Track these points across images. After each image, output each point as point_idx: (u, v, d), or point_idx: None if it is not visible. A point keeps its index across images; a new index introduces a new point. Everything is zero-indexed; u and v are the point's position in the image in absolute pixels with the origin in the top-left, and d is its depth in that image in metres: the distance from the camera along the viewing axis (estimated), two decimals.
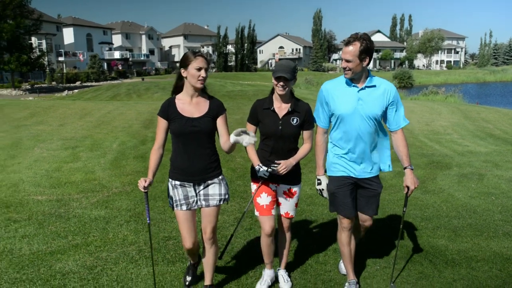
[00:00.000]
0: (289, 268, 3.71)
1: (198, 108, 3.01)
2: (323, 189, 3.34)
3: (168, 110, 2.99)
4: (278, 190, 3.35)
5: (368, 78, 3.11)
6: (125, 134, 10.70)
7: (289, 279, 3.47)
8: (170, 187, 3.07)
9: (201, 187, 3.07)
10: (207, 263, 3.20)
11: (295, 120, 3.20)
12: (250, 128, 3.29)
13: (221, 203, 3.12)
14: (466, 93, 35.42)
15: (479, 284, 3.47)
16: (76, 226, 4.62)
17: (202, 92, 3.05)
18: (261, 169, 3.15)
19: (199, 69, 2.91)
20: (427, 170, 7.42)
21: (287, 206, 3.38)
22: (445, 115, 15.58)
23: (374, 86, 3.11)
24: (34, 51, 36.05)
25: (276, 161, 3.19)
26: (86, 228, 4.55)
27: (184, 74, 2.97)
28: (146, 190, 2.84)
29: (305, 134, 3.28)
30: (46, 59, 38.71)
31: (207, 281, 3.23)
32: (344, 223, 3.28)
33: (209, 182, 3.07)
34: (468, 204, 5.64)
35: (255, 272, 3.68)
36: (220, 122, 3.06)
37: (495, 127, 13.51)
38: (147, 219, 3.00)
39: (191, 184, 3.04)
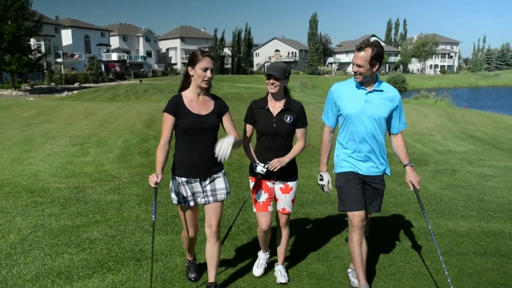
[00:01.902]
0: (287, 264, 3.86)
1: (205, 106, 3.11)
2: (324, 185, 3.49)
3: (177, 107, 3.04)
4: (275, 186, 3.51)
5: (377, 83, 3.25)
6: (128, 132, 11.41)
7: (286, 274, 3.58)
8: (176, 184, 3.13)
9: (207, 182, 3.15)
10: (212, 260, 3.20)
11: (288, 118, 3.37)
12: (248, 128, 3.48)
13: (227, 196, 3.23)
14: (456, 97, 36.39)
15: (431, 250, 4.23)
16: (94, 207, 5.34)
17: (207, 91, 3.17)
18: (258, 166, 3.32)
19: (205, 70, 3.00)
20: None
21: (283, 202, 3.51)
22: (431, 118, 16.39)
23: (382, 90, 3.25)
24: (34, 52, 36.68)
25: (266, 164, 3.37)
26: (103, 209, 5.28)
27: (191, 73, 3.06)
28: (156, 186, 2.89)
29: (298, 132, 3.44)
30: (45, 60, 39.31)
31: (211, 278, 3.23)
32: (354, 222, 3.25)
33: (214, 176, 3.17)
34: (438, 194, 6.39)
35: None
36: (226, 119, 3.19)
37: (476, 129, 14.31)
38: (153, 216, 3.06)
39: (197, 179, 3.12)
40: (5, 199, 5.56)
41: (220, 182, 3.19)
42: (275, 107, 3.39)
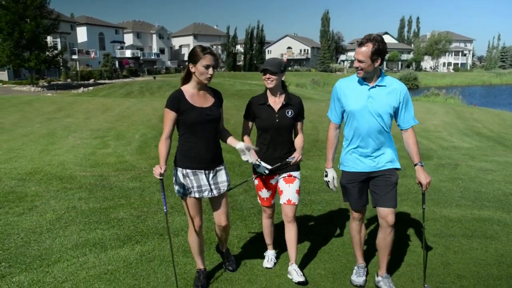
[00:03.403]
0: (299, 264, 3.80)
1: (206, 99, 3.17)
2: (329, 181, 3.50)
3: (179, 103, 3.07)
4: (278, 179, 3.57)
5: (380, 78, 3.22)
6: (144, 127, 11.98)
7: (302, 273, 3.50)
8: (181, 176, 3.16)
9: (211, 174, 3.22)
10: (222, 236, 3.48)
11: (290, 112, 3.45)
12: (248, 124, 3.55)
13: (227, 188, 3.32)
14: (468, 95, 36.37)
15: (419, 234, 4.67)
16: (119, 192, 5.88)
17: (205, 85, 3.19)
18: (261, 165, 3.31)
19: (207, 67, 3.03)
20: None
21: (288, 193, 3.51)
22: (439, 115, 16.67)
23: (385, 85, 3.22)
24: (51, 49, 37.66)
25: (289, 158, 3.47)
26: (127, 194, 5.81)
27: (192, 70, 3.07)
28: (161, 177, 2.97)
29: (298, 125, 3.57)
30: (62, 57, 40.31)
31: (223, 248, 3.66)
32: (354, 215, 3.52)
33: (217, 168, 3.25)
34: (437, 186, 6.79)
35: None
36: (220, 111, 3.28)
37: (483, 126, 14.58)
38: (164, 207, 3.10)
39: (202, 171, 3.17)
40: (38, 185, 6.13)
41: (222, 175, 3.27)
42: (276, 102, 3.45)
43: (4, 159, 7.66)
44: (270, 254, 3.84)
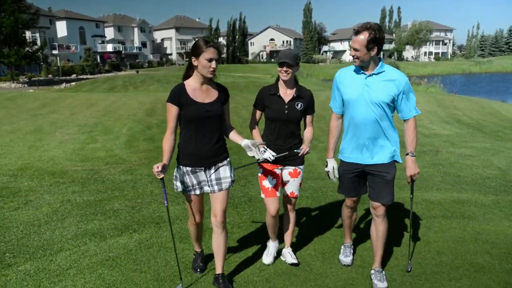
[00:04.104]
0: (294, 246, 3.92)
1: (208, 94, 3.09)
2: (329, 171, 3.49)
3: (180, 97, 3.01)
4: (284, 171, 3.56)
5: (378, 67, 3.18)
6: (131, 121, 12.02)
7: (294, 256, 3.67)
8: (181, 173, 3.12)
9: (212, 170, 3.14)
10: (218, 251, 3.21)
11: (299, 105, 3.43)
12: (258, 113, 3.52)
13: (231, 185, 3.22)
14: (449, 83, 37.07)
15: (404, 218, 4.94)
16: (111, 185, 6.01)
17: (210, 80, 3.12)
18: (266, 152, 3.20)
19: (210, 60, 2.94)
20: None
21: (292, 186, 3.59)
22: (420, 104, 17.00)
23: (382, 73, 3.18)
24: (31, 44, 37.05)
25: (296, 149, 3.45)
26: (119, 186, 5.95)
27: (195, 63, 3.00)
28: (161, 176, 2.88)
29: (308, 118, 3.54)
30: (43, 52, 39.69)
31: (219, 269, 3.23)
32: (347, 202, 3.61)
33: (219, 164, 3.16)
34: (419, 172, 7.07)
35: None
36: (225, 108, 3.19)
37: (463, 114, 15.02)
38: (165, 202, 3.08)
39: (202, 168, 3.11)
40: (30, 180, 6.21)
41: (224, 171, 3.18)
42: (287, 94, 3.43)
43: None
44: (271, 246, 3.78)
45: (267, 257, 3.73)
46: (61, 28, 58.88)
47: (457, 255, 3.87)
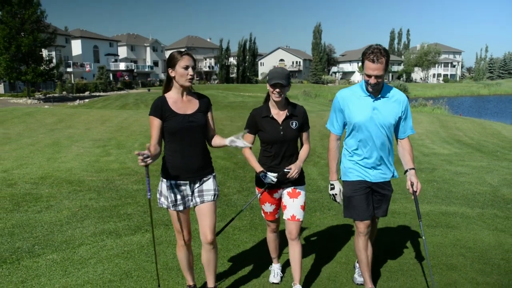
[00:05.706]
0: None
1: (190, 105, 3.08)
2: (336, 194, 3.38)
3: (162, 109, 3.00)
4: (283, 193, 3.41)
5: (384, 89, 3.19)
6: (143, 136, 12.62)
7: None
8: (165, 187, 3.08)
9: (197, 185, 3.12)
10: (209, 266, 3.20)
11: (294, 123, 3.30)
12: (249, 137, 3.36)
13: (215, 198, 3.16)
14: (456, 105, 37.38)
15: (395, 225, 5.37)
16: (125, 193, 6.53)
17: (189, 90, 3.12)
18: (267, 177, 3.18)
19: (186, 68, 2.97)
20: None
21: (292, 208, 3.34)
22: (424, 124, 17.47)
23: (389, 96, 3.20)
24: (47, 62, 38.41)
25: (286, 168, 3.28)
26: (132, 195, 6.47)
27: (172, 74, 3.02)
28: (145, 162, 2.79)
29: (304, 135, 3.41)
30: (58, 70, 41.06)
31: (211, 283, 3.24)
32: (360, 228, 3.31)
33: (204, 179, 3.14)
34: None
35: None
36: (209, 117, 3.17)
37: (464, 134, 15.38)
38: (148, 194, 3.00)
39: (187, 182, 3.08)
40: (50, 188, 6.76)
41: (208, 184, 3.15)
42: (279, 114, 3.31)
43: (15, 165, 8.28)
44: (275, 268, 3.74)
45: (275, 278, 3.66)
46: (76, 47, 60.75)
47: (434, 257, 4.30)
